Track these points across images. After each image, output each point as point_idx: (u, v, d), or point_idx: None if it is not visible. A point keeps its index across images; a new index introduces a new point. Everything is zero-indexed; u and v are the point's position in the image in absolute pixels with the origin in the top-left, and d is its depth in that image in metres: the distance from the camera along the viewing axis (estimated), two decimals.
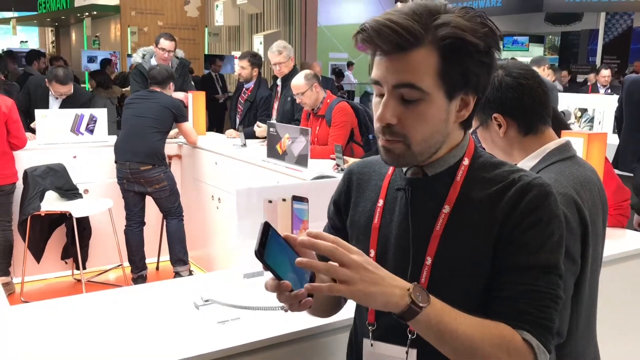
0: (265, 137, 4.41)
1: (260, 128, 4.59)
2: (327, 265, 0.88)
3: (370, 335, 1.11)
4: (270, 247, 0.91)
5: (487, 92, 1.08)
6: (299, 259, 0.88)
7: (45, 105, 4.78)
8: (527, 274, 0.99)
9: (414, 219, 1.07)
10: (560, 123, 2.17)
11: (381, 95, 1.03)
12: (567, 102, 5.66)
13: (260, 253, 0.88)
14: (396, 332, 1.07)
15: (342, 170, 3.36)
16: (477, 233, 1.02)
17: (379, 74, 1.01)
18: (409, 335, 1.05)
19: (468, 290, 1.03)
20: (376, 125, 1.04)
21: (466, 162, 1.08)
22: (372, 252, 1.11)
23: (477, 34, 0.98)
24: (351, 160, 3.35)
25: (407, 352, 1.05)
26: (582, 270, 1.35)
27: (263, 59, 5.99)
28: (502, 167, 1.08)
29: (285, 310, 0.97)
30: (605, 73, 6.78)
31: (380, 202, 1.13)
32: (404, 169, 1.11)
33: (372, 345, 1.10)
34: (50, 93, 4.78)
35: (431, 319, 0.92)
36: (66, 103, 4.78)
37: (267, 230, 0.92)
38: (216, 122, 8.53)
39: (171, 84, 4.38)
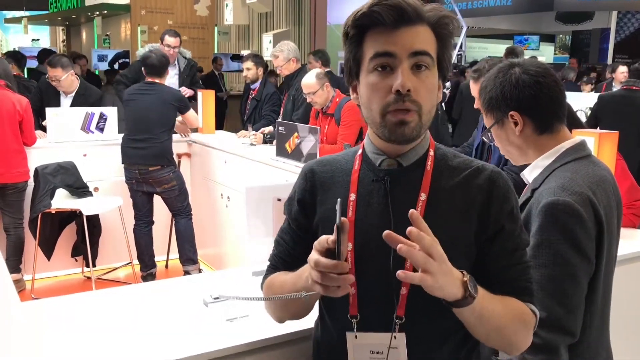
0: (264, 142, 4.44)
1: (254, 137, 4.54)
2: (425, 256, 0.92)
3: (355, 327, 1.13)
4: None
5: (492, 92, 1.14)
6: (412, 228, 0.92)
7: (56, 103, 4.80)
8: (517, 255, 1.13)
9: (395, 208, 1.11)
10: (575, 122, 2.14)
11: (383, 69, 1.07)
12: (574, 100, 5.57)
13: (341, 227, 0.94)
14: (380, 319, 1.11)
15: None
16: (455, 217, 1.11)
17: (392, 46, 1.06)
18: (397, 321, 1.09)
19: None
20: (388, 98, 1.06)
21: (432, 152, 1.16)
22: (350, 246, 1.12)
23: (455, 25, 1.11)
24: None
25: (395, 337, 1.09)
26: (596, 270, 1.33)
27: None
28: (459, 156, 1.18)
29: (306, 297, 1.03)
30: (623, 69, 6.66)
31: (353, 197, 1.15)
32: (378, 162, 1.15)
33: (356, 337, 1.13)
34: (61, 91, 4.81)
35: (477, 304, 0.99)
36: (77, 101, 4.80)
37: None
38: (220, 119, 8.57)
39: (168, 70, 4.33)
